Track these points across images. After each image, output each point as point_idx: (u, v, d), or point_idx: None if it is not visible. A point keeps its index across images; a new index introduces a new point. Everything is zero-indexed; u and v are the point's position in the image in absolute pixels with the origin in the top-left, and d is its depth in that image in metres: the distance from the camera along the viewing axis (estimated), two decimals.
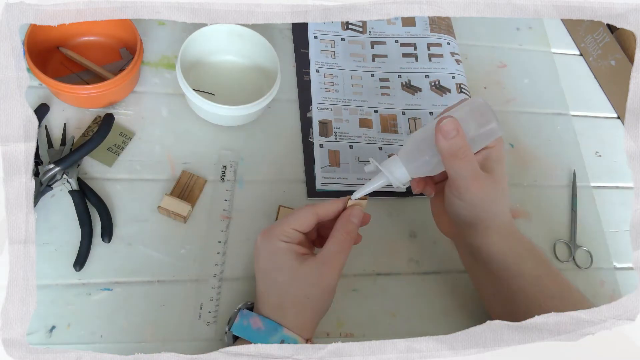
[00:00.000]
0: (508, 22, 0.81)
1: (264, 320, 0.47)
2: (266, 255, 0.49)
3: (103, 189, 0.57)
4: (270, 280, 0.49)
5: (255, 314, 0.48)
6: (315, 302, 0.49)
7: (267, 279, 0.49)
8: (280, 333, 0.46)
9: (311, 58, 0.70)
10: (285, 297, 0.48)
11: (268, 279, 0.49)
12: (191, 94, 0.58)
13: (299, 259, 0.49)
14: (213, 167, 0.60)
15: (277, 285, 0.49)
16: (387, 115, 0.68)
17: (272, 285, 0.49)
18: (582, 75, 0.80)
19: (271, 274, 0.49)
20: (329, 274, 0.48)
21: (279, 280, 0.48)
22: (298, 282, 0.48)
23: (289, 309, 0.48)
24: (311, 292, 0.48)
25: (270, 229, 0.50)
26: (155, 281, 0.54)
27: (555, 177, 0.70)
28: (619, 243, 0.67)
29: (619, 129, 0.76)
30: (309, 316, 0.49)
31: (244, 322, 0.48)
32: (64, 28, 0.60)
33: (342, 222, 0.50)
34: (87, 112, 0.60)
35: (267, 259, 0.49)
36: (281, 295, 0.48)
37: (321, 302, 0.49)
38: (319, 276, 0.48)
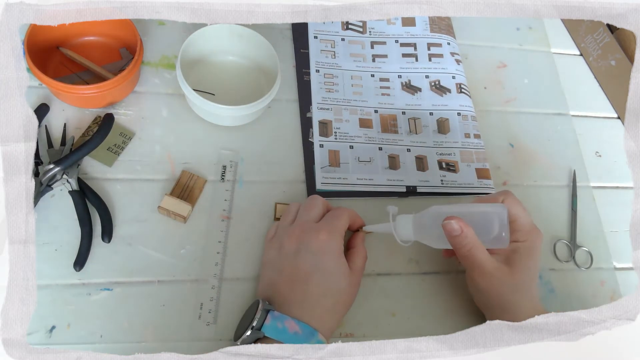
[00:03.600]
0: (508, 22, 0.81)
1: (300, 325, 0.46)
2: (334, 255, 0.50)
3: (103, 189, 0.57)
4: (331, 282, 0.49)
5: (288, 317, 0.46)
6: (349, 307, 0.52)
7: (328, 280, 0.49)
8: (315, 338, 0.46)
9: (311, 58, 0.70)
10: (339, 302, 0.49)
11: (328, 281, 0.49)
12: (191, 94, 0.58)
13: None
14: (213, 167, 0.60)
15: (336, 289, 0.49)
16: (387, 115, 0.68)
17: (331, 288, 0.49)
18: (582, 75, 0.80)
19: (334, 275, 0.49)
20: (359, 284, 0.53)
21: (340, 284, 0.49)
22: (351, 288, 0.51)
23: (335, 313, 0.49)
24: (351, 300, 0.52)
25: (331, 227, 0.51)
26: (155, 281, 0.54)
27: (555, 177, 0.70)
28: (619, 243, 0.67)
29: (619, 129, 0.76)
30: (339, 319, 0.51)
31: (278, 325, 0.46)
32: (64, 28, 0.60)
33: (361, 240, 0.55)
34: (87, 112, 0.60)
35: (333, 259, 0.50)
36: (337, 300, 0.49)
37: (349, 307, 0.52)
38: (356, 285, 0.52)
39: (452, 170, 0.66)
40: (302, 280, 0.49)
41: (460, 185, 0.65)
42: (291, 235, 0.52)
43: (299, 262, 0.50)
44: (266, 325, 0.46)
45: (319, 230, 0.50)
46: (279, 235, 0.54)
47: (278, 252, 0.52)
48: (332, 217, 0.53)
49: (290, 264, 0.50)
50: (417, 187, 0.64)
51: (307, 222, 0.52)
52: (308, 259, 0.49)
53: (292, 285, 0.49)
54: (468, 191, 0.64)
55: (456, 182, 0.65)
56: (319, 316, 0.48)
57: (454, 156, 0.67)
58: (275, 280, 0.51)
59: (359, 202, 0.62)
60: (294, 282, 0.49)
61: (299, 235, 0.51)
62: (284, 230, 0.53)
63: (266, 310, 0.47)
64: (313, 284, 0.48)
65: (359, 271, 0.53)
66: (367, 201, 0.62)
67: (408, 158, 0.65)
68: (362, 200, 0.62)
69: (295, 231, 0.52)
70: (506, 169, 0.69)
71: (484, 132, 0.70)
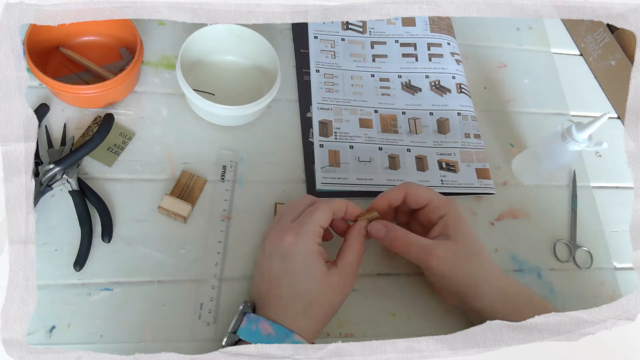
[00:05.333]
0: (508, 22, 0.81)
1: (274, 326, 0.46)
2: (301, 258, 0.48)
3: (103, 189, 0.57)
4: (299, 285, 0.48)
5: (263, 319, 0.47)
6: (335, 309, 0.50)
7: (296, 283, 0.48)
8: (290, 339, 0.46)
9: (311, 58, 0.70)
10: (313, 305, 0.48)
11: (297, 284, 0.48)
12: (191, 94, 0.58)
13: (326, 265, 0.49)
14: (213, 167, 0.60)
15: (306, 292, 0.48)
16: (387, 115, 0.68)
17: (300, 291, 0.47)
18: (582, 75, 0.80)
19: (302, 278, 0.48)
20: (350, 283, 0.51)
21: (311, 286, 0.48)
22: (327, 289, 0.49)
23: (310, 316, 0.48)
24: (335, 300, 0.50)
25: (300, 228, 0.49)
26: (155, 281, 0.54)
27: (555, 177, 0.70)
28: (619, 243, 0.67)
29: (619, 129, 0.76)
30: (323, 322, 0.50)
31: (252, 327, 0.46)
32: (64, 28, 0.60)
33: (356, 234, 0.52)
34: (87, 112, 0.60)
35: (300, 262, 0.48)
36: (310, 302, 0.47)
37: (337, 309, 0.50)
38: (344, 285, 0.50)
39: (452, 170, 0.66)
40: (274, 284, 0.48)
41: (460, 185, 0.65)
42: (268, 237, 0.51)
43: (271, 265, 0.49)
44: (241, 328, 0.47)
45: (287, 232, 0.49)
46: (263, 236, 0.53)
47: (261, 254, 0.52)
48: (305, 216, 0.50)
49: (265, 267, 0.50)
50: None
51: (283, 224, 0.51)
52: (277, 261, 0.49)
53: (267, 287, 0.49)
54: (468, 191, 0.65)
55: (456, 182, 0.65)
56: (292, 318, 0.47)
57: (454, 156, 0.67)
58: (257, 282, 0.51)
59: (359, 202, 0.62)
60: (269, 285, 0.49)
61: (273, 237, 0.50)
62: (267, 231, 0.53)
63: (243, 312, 0.48)
64: (282, 287, 0.48)
65: (348, 267, 0.50)
66: (367, 201, 0.62)
67: (408, 158, 0.65)
68: (362, 200, 0.62)
69: (271, 233, 0.51)
70: (506, 169, 0.69)
71: (484, 132, 0.70)
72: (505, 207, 0.66)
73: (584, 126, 0.56)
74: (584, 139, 0.57)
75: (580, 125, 0.57)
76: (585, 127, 0.56)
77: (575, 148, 0.58)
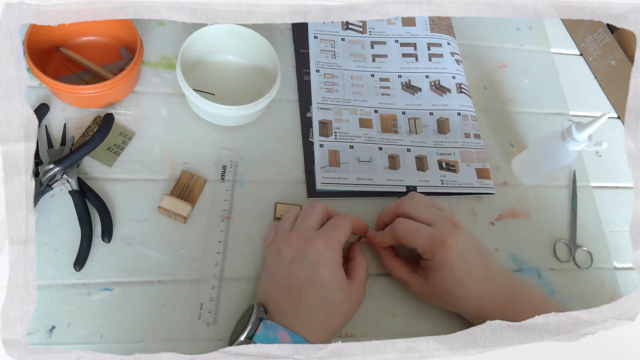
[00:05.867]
0: (508, 22, 0.81)
1: (293, 336, 0.46)
2: (330, 267, 0.48)
3: (103, 189, 0.57)
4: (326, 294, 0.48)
5: (281, 327, 0.46)
6: (347, 321, 0.51)
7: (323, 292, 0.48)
8: None
9: (311, 58, 0.70)
10: (334, 315, 0.48)
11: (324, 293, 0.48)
12: (191, 94, 0.58)
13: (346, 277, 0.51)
14: (213, 167, 0.60)
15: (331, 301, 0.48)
16: (387, 115, 0.68)
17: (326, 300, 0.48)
18: (582, 75, 0.80)
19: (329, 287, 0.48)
20: (362, 297, 0.52)
21: (336, 296, 0.48)
22: (348, 300, 0.50)
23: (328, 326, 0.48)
24: (351, 312, 0.51)
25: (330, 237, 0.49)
26: (155, 281, 0.54)
27: (555, 177, 0.70)
28: (619, 243, 0.67)
29: (619, 129, 0.76)
30: (334, 333, 0.50)
31: (269, 334, 0.46)
32: (64, 28, 0.60)
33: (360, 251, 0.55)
34: (87, 112, 0.60)
35: (330, 271, 0.48)
36: (332, 312, 0.48)
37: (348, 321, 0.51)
38: (358, 298, 0.52)
39: (452, 170, 0.66)
40: (297, 290, 0.48)
41: (460, 185, 0.65)
42: (288, 242, 0.50)
43: (293, 271, 0.49)
44: (258, 335, 0.46)
45: (316, 239, 0.49)
46: (276, 241, 0.52)
47: (275, 258, 0.51)
48: (332, 226, 0.51)
49: (286, 272, 0.49)
50: (417, 187, 0.64)
51: (305, 230, 0.51)
52: (303, 268, 0.48)
53: (286, 293, 0.48)
54: (468, 191, 0.65)
55: (456, 182, 0.65)
56: (312, 327, 0.47)
57: (454, 156, 0.67)
58: (271, 287, 0.50)
59: (359, 202, 0.62)
60: (289, 291, 0.48)
61: (296, 242, 0.50)
62: (282, 236, 0.52)
63: (259, 318, 0.47)
64: (307, 295, 0.48)
65: (361, 283, 0.52)
66: (367, 201, 0.62)
67: (408, 158, 0.65)
68: (362, 200, 0.62)
69: (292, 238, 0.50)
70: (506, 169, 0.69)
71: (484, 132, 0.70)
72: (505, 207, 0.66)
73: (584, 126, 0.56)
74: (584, 139, 0.57)
75: (580, 125, 0.57)
76: (585, 127, 0.56)
77: (575, 148, 0.58)
